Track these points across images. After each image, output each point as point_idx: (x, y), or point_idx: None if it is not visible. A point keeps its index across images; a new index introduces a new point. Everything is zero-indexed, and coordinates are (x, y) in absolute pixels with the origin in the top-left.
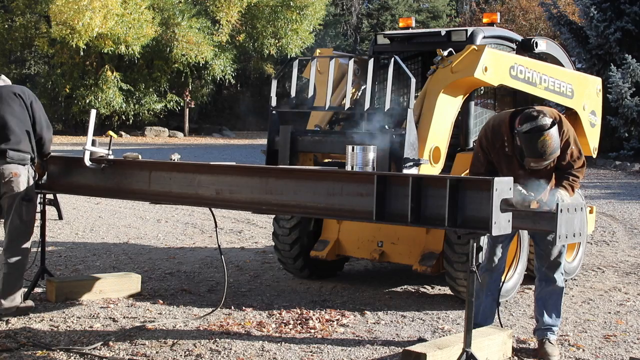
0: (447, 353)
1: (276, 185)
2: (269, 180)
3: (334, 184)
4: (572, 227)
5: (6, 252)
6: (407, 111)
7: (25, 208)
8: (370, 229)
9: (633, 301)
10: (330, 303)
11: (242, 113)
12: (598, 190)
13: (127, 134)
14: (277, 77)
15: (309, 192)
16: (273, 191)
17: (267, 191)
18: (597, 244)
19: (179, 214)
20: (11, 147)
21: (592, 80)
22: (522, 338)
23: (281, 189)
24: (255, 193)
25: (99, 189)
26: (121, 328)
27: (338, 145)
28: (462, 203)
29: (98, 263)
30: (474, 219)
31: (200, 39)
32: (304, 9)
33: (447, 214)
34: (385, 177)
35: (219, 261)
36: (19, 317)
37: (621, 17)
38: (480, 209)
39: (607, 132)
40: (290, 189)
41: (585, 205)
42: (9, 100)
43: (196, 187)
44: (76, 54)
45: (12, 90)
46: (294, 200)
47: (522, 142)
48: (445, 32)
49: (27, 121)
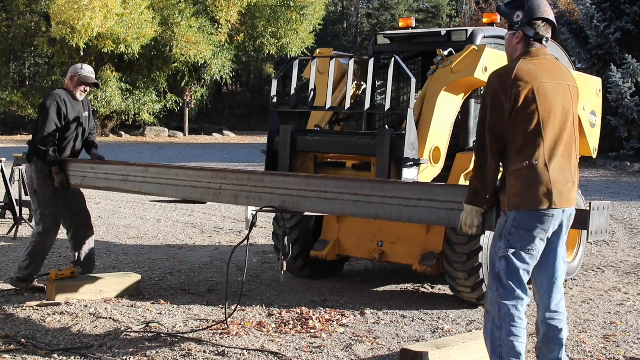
0: (445, 353)
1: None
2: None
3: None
4: (600, 225)
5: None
6: (407, 111)
7: (34, 198)
8: (370, 228)
9: (633, 301)
10: (330, 303)
11: (242, 113)
12: (598, 191)
13: (127, 134)
14: (277, 77)
15: None
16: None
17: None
18: (597, 244)
19: (179, 214)
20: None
21: (592, 81)
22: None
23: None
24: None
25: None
26: (121, 328)
27: (338, 145)
28: None
29: (98, 263)
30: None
31: (200, 38)
32: (304, 9)
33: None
34: None
35: (219, 261)
36: (19, 316)
37: (621, 17)
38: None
39: (607, 132)
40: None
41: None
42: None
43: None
44: (76, 54)
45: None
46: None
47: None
48: (445, 32)
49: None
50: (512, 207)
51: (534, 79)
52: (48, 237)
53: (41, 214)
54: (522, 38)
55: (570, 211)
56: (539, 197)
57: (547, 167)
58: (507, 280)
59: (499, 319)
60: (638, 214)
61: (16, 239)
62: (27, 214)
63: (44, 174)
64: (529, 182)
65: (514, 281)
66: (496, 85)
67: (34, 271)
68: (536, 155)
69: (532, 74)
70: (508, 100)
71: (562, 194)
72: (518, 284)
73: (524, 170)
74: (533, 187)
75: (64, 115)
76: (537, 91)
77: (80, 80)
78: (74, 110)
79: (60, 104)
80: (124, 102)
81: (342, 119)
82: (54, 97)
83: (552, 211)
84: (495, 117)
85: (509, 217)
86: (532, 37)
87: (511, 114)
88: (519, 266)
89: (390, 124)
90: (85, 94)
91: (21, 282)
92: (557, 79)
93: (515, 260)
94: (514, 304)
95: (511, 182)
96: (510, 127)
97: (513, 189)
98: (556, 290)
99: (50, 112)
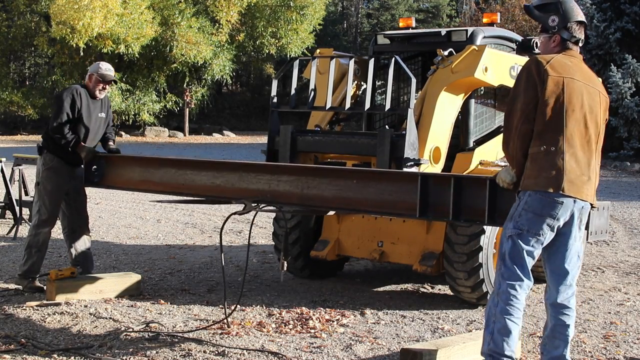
0: (445, 353)
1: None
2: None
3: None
4: (600, 225)
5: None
6: (407, 111)
7: (36, 190)
8: (370, 229)
9: (633, 301)
10: (330, 303)
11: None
12: (598, 191)
13: (127, 134)
14: (277, 77)
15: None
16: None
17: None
18: (597, 244)
19: (179, 214)
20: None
21: None
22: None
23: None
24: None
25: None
26: (121, 328)
27: (338, 146)
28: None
29: (98, 263)
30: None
31: (200, 38)
32: (304, 9)
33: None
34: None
35: (219, 261)
36: (19, 316)
37: (621, 17)
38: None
39: (607, 132)
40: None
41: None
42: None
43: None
44: (76, 54)
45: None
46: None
47: None
48: (445, 32)
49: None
50: (524, 187)
51: (566, 72)
52: (41, 229)
53: (39, 206)
54: (559, 42)
55: (583, 204)
56: (549, 180)
57: (563, 155)
58: (510, 261)
59: (497, 296)
60: (638, 214)
61: (16, 239)
62: (27, 214)
63: (49, 167)
64: (543, 165)
65: (516, 262)
66: (533, 69)
67: (32, 267)
68: (554, 142)
69: (566, 68)
70: (540, 84)
71: (573, 183)
72: (520, 265)
73: (541, 154)
74: (545, 170)
75: (77, 109)
76: (566, 84)
77: (98, 78)
78: (89, 108)
79: (76, 97)
80: (124, 102)
81: (342, 119)
82: (70, 90)
83: (561, 198)
84: (528, 97)
85: (522, 200)
86: (569, 40)
87: (539, 99)
88: (524, 247)
89: (390, 124)
90: (104, 91)
91: (22, 279)
92: (589, 82)
93: (521, 241)
94: (512, 283)
95: (528, 164)
96: (538, 111)
97: (528, 170)
98: (565, 284)
99: (65, 103)
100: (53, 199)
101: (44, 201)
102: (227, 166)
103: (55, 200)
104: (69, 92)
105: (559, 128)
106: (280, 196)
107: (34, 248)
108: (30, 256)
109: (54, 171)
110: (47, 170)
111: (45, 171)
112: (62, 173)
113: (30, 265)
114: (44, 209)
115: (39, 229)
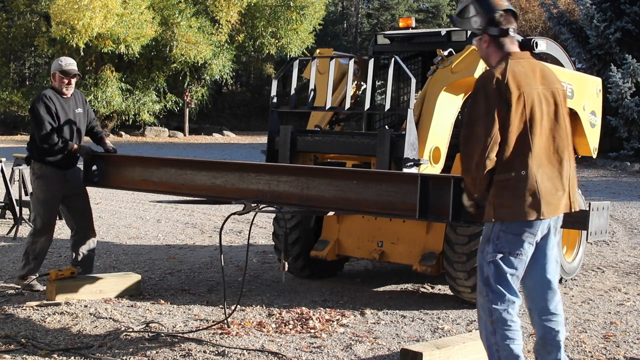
0: (445, 353)
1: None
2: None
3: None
4: (600, 225)
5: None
6: (407, 111)
7: (31, 199)
8: (370, 228)
9: (633, 301)
10: (330, 303)
11: (242, 113)
12: (598, 191)
13: (127, 134)
14: (277, 77)
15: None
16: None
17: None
18: (597, 244)
19: (179, 214)
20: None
21: (592, 81)
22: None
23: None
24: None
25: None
26: (121, 328)
27: (338, 146)
28: None
29: (98, 263)
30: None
31: (200, 38)
32: (304, 9)
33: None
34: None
35: (219, 261)
36: (19, 316)
37: (621, 17)
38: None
39: (607, 132)
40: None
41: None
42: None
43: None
44: (76, 54)
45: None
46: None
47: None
48: (445, 32)
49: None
50: (500, 217)
51: (524, 83)
52: (38, 238)
53: (34, 216)
54: (490, 40)
55: (560, 215)
56: (527, 209)
57: (536, 177)
58: (497, 285)
59: (492, 324)
60: (638, 214)
61: (16, 239)
62: (27, 214)
63: (39, 176)
64: (517, 193)
65: (503, 285)
66: (491, 89)
67: (29, 272)
68: (523, 166)
69: (522, 78)
70: (502, 106)
71: (551, 204)
72: (507, 288)
73: (512, 181)
74: (520, 198)
75: (54, 113)
76: (527, 98)
77: (60, 75)
78: (63, 108)
79: (48, 102)
80: (124, 102)
81: (342, 119)
82: (40, 97)
83: (541, 220)
84: (489, 122)
85: (497, 223)
86: (499, 35)
87: (503, 122)
88: (507, 271)
89: (390, 124)
90: (70, 87)
91: (21, 280)
92: (543, 82)
93: (504, 265)
94: (504, 307)
95: (496, 192)
96: (502, 135)
97: (501, 199)
98: (551, 292)
99: (40, 112)
100: (46, 207)
101: (38, 211)
102: (227, 166)
103: (49, 209)
104: (39, 100)
105: (525, 150)
106: (280, 196)
107: (31, 255)
108: (27, 262)
109: (44, 179)
110: (37, 179)
111: (36, 180)
112: (53, 179)
113: (27, 271)
114: (39, 219)
115: (36, 237)
